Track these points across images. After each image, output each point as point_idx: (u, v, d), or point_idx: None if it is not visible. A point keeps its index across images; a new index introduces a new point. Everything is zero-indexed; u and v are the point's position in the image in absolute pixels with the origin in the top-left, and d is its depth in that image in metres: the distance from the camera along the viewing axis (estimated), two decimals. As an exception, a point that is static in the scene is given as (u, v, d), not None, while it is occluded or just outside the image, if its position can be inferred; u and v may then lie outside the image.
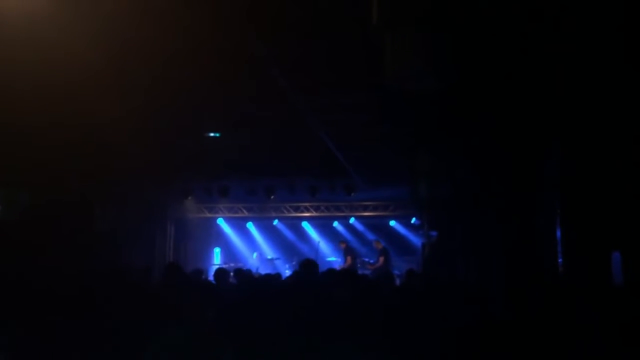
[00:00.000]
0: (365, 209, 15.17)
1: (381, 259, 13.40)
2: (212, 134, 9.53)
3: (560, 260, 5.01)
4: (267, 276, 7.83)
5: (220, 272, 7.01)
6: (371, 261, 13.97)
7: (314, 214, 15.35)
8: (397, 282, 11.31)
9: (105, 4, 4.93)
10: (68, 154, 8.34)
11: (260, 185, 13.38)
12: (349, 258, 13.43)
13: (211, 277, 10.02)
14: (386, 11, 3.54)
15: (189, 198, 14.29)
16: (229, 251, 16.49)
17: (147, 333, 3.75)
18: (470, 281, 7.50)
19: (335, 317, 4.64)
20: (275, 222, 16.24)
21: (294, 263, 14.84)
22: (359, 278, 7.47)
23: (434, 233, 10.77)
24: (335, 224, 16.20)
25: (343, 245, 14.11)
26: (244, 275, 8.06)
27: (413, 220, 14.65)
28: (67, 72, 6.19)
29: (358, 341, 4.28)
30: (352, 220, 15.75)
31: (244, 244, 16.60)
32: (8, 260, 7.35)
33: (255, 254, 15.80)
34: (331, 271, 7.07)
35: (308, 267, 6.32)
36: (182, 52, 6.15)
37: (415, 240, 15.23)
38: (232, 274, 8.54)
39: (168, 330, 3.83)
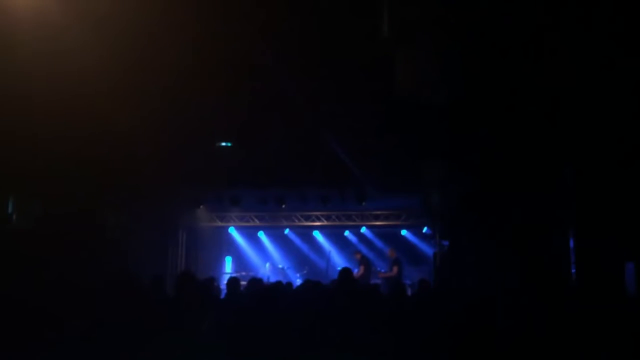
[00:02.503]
0: (377, 218, 15.14)
1: (395, 269, 13.35)
2: (223, 144, 9.59)
3: (573, 270, 4.97)
4: (278, 284, 7.83)
5: (233, 280, 7.05)
6: (382, 270, 13.93)
7: (325, 223, 15.33)
8: (409, 291, 11.28)
9: (119, 17, 5.01)
10: (81, 163, 8.43)
11: (271, 194, 13.40)
12: (362, 267, 13.40)
13: (223, 286, 10.08)
14: (397, 25, 3.57)
15: (201, 207, 14.36)
16: (240, 260, 16.51)
17: (153, 341, 3.76)
18: (482, 291, 7.44)
19: (342, 327, 4.65)
20: (287, 231, 16.24)
21: (304, 272, 14.84)
22: (367, 288, 7.48)
23: (445, 242, 10.71)
24: (347, 233, 16.17)
25: (358, 256, 14.06)
26: (255, 284, 8.08)
27: (425, 229, 14.59)
28: (80, 84, 6.27)
29: (366, 351, 4.28)
30: (363, 229, 15.72)
31: (255, 253, 16.62)
32: (21, 268, 7.42)
33: (267, 264, 15.81)
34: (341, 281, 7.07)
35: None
36: (195, 63, 6.22)
37: (427, 249, 15.16)
38: (244, 283, 8.54)
39: (175, 338, 3.85)
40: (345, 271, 6.73)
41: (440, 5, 3.52)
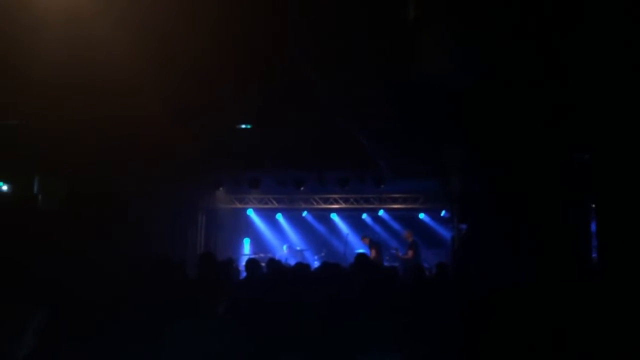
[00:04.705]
0: (395, 201, 15.14)
1: (410, 252, 13.40)
2: (243, 126, 9.65)
3: (594, 254, 4.95)
4: (300, 266, 7.90)
5: (251, 262, 7.13)
6: (401, 253, 13.99)
7: (343, 205, 15.37)
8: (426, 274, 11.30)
9: (144, 3, 5.06)
10: (104, 146, 8.56)
11: (290, 176, 13.46)
12: (373, 251, 13.47)
13: (241, 267, 10.20)
14: (422, 8, 3.55)
15: (220, 189, 14.48)
16: (258, 241, 16.66)
17: (176, 322, 3.83)
18: (501, 275, 7.45)
19: (363, 310, 4.69)
20: (305, 213, 16.32)
21: (322, 254, 14.93)
22: (385, 270, 7.51)
23: (463, 226, 10.70)
24: (364, 216, 16.21)
25: (366, 241, 14.12)
26: (274, 265, 8.16)
27: (443, 212, 14.57)
28: (105, 66, 6.34)
29: (383, 333, 4.32)
30: (381, 212, 15.74)
31: (273, 235, 16.75)
32: (46, 247, 7.59)
33: (285, 246, 15.94)
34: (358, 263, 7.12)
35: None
36: (216, 47, 6.25)
37: (445, 233, 15.14)
38: (263, 264, 8.64)
39: (196, 319, 3.91)
40: (361, 256, 6.78)
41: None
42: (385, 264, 13.17)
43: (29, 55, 5.77)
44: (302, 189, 13.82)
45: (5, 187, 8.43)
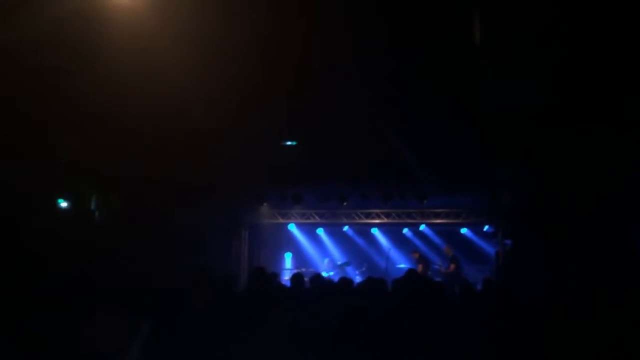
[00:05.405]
0: (437, 216, 15.06)
1: (452, 266, 13.32)
2: (288, 143, 9.82)
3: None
4: (343, 280, 7.96)
5: (297, 276, 7.24)
6: (444, 267, 13.91)
7: (385, 220, 15.38)
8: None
9: (199, 26, 5.29)
10: (157, 163, 8.86)
11: (333, 192, 13.56)
12: (420, 266, 13.43)
13: (284, 281, 10.31)
14: (487, 34, 3.61)
15: (264, 204, 14.69)
16: (299, 256, 16.78)
17: (228, 335, 3.94)
18: (549, 291, 7.34)
19: (409, 324, 4.72)
20: (346, 228, 16.37)
21: (363, 269, 14.93)
22: (434, 286, 7.47)
23: (508, 242, 10.56)
24: (405, 230, 16.16)
25: (416, 255, 14.10)
26: (319, 280, 8.25)
27: (486, 228, 14.42)
28: (156, 87, 6.60)
29: (433, 349, 4.34)
30: (422, 227, 15.68)
31: (314, 249, 16.85)
32: (102, 259, 7.88)
33: (326, 260, 16.00)
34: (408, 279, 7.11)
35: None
36: (264, 66, 6.43)
37: (487, 248, 14.96)
38: (306, 279, 8.73)
39: (249, 332, 4.02)
40: (411, 272, 6.77)
41: (531, 15, 3.56)
42: (429, 279, 13.10)
43: (94, 73, 6.05)
44: (345, 204, 13.90)
45: (65, 204, 8.83)
